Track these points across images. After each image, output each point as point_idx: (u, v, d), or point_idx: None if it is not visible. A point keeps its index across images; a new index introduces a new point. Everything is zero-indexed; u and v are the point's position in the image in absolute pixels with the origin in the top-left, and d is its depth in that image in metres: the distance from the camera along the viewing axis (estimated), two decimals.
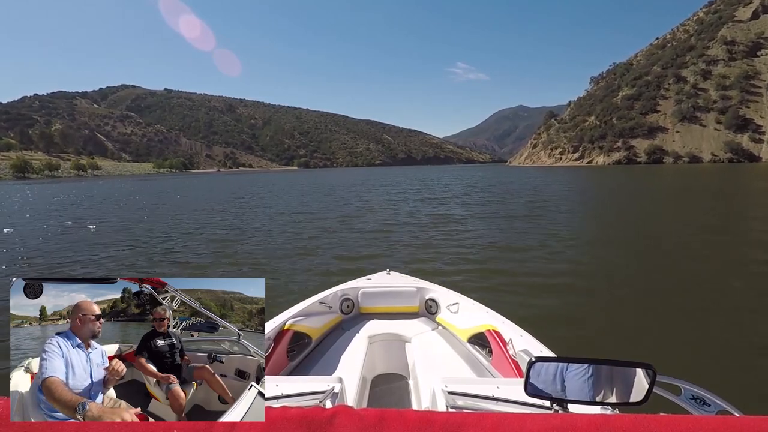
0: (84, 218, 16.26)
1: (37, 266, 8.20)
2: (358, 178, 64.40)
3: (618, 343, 4.21)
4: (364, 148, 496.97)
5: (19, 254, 9.30)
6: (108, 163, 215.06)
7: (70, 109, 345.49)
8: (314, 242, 9.90)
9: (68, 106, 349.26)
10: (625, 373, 0.95)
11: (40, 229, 13.31)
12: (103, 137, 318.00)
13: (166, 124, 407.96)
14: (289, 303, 2.87)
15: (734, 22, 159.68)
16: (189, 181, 66.80)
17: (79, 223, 14.78)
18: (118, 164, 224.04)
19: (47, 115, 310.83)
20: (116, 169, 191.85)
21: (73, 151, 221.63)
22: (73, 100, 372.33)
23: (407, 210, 16.71)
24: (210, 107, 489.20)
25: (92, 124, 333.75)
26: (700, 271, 6.84)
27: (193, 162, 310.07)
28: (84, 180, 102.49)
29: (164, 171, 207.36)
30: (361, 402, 2.06)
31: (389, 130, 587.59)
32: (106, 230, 12.84)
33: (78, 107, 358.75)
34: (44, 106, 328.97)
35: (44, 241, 10.94)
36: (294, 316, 2.64)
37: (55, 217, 16.88)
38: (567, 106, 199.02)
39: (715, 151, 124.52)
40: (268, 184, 47.29)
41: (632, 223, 12.61)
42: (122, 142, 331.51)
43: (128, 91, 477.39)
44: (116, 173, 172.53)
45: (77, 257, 8.86)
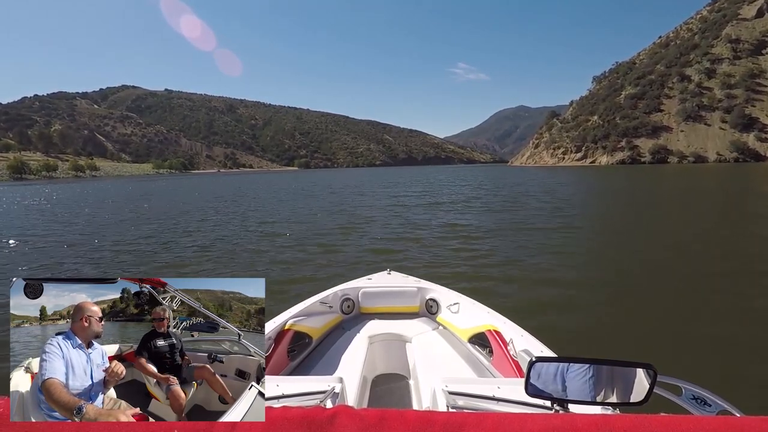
0: (21, 228, 14.24)
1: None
2: (358, 179, 62.78)
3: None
4: (365, 148, 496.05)
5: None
6: (107, 164, 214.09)
7: (70, 109, 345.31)
8: (294, 271, 7.32)
9: (68, 107, 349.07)
10: (625, 373, 0.95)
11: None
12: (102, 138, 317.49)
13: (167, 125, 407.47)
14: (289, 303, 2.89)
15: (739, 20, 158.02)
16: (181, 183, 65.22)
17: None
18: (116, 165, 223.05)
19: (47, 115, 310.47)
20: (115, 169, 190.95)
21: (72, 152, 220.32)
22: (73, 101, 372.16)
23: (415, 220, 13.76)
24: (210, 107, 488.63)
25: (92, 125, 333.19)
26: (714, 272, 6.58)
27: (194, 162, 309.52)
28: (81, 181, 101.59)
29: (164, 172, 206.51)
30: (361, 402, 2.05)
31: (390, 131, 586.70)
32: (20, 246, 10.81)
33: (78, 108, 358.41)
34: (44, 107, 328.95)
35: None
36: (294, 316, 2.65)
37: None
38: (569, 106, 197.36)
39: (720, 150, 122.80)
40: (259, 184, 45.83)
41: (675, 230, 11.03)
42: (122, 142, 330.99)
43: (128, 92, 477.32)
44: (115, 174, 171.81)
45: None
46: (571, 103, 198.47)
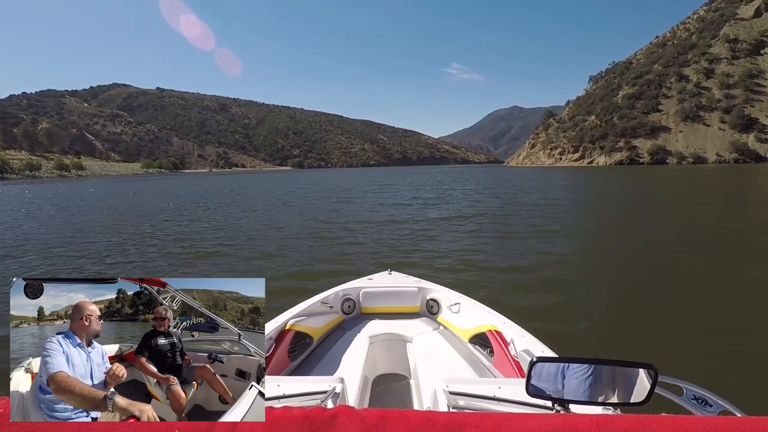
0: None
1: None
2: (350, 180, 59.52)
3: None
4: (359, 148, 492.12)
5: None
6: (94, 163, 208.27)
7: (58, 107, 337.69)
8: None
9: (57, 105, 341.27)
10: (626, 374, 0.95)
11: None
12: (92, 136, 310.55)
13: (158, 124, 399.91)
14: (290, 303, 2.87)
15: (736, 20, 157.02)
16: (160, 184, 61.65)
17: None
18: (104, 164, 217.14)
19: (34, 113, 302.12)
20: (102, 169, 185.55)
21: (58, 151, 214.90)
22: (63, 99, 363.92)
23: (428, 250, 8.81)
24: (203, 106, 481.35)
25: (81, 123, 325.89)
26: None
27: (185, 162, 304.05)
28: (64, 181, 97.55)
29: (153, 171, 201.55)
30: (362, 402, 2.06)
31: (384, 130, 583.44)
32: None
33: (67, 106, 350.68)
34: (32, 105, 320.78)
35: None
36: (295, 316, 2.64)
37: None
38: (566, 106, 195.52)
39: (720, 151, 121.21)
40: (236, 187, 42.51)
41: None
42: (112, 141, 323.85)
43: (119, 90, 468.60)
44: (102, 173, 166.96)
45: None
46: (568, 103, 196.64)
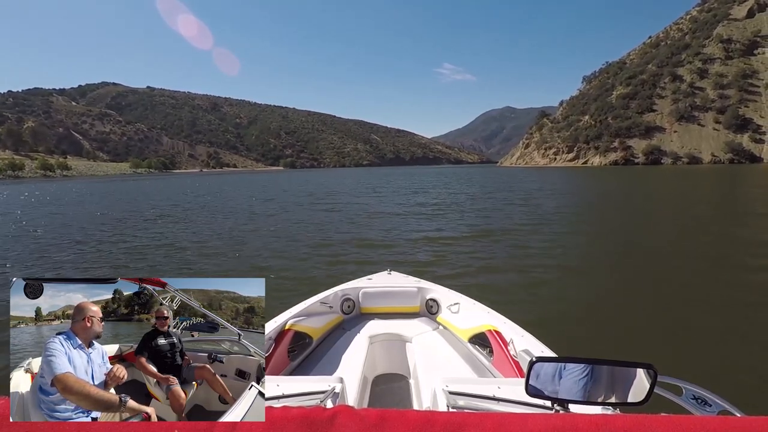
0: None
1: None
2: (343, 182, 57.33)
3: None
4: (352, 148, 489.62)
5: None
6: (81, 163, 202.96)
7: (45, 106, 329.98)
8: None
9: (44, 104, 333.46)
10: (626, 373, 0.95)
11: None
12: (79, 136, 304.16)
13: (148, 123, 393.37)
14: (289, 303, 2.86)
15: (730, 21, 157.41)
16: (141, 184, 59.14)
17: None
18: (91, 164, 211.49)
19: (20, 112, 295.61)
20: (89, 169, 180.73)
21: (44, 150, 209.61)
22: (50, 97, 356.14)
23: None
24: (194, 106, 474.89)
25: (69, 122, 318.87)
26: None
27: (175, 162, 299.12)
28: (50, 181, 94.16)
29: (142, 171, 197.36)
30: (362, 402, 2.06)
31: (377, 130, 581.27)
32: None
33: (54, 104, 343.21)
34: (18, 104, 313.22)
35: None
36: (295, 316, 2.64)
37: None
38: (559, 106, 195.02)
39: (715, 151, 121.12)
40: (212, 191, 40.27)
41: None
42: (100, 140, 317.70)
43: (108, 89, 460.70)
44: (89, 173, 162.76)
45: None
46: (561, 103, 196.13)
